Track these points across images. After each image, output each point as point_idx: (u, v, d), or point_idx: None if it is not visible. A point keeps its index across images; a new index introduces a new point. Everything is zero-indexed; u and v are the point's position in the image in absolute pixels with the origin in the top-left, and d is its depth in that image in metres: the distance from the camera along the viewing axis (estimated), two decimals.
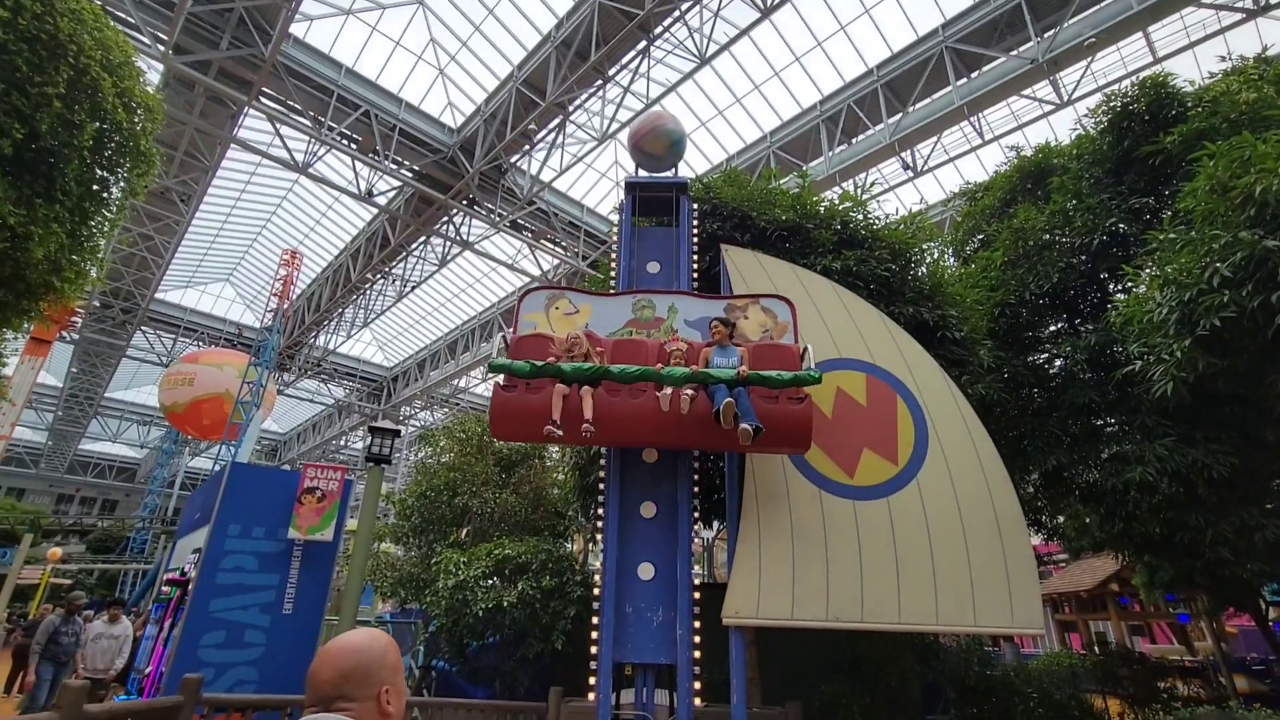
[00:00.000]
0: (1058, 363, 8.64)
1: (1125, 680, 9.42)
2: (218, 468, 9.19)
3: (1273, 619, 10.20)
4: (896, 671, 7.01)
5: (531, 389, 4.58)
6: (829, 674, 6.89)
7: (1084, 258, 7.80)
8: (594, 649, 4.76)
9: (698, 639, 4.73)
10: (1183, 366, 4.83)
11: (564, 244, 20.18)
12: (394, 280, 24.49)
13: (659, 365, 4.63)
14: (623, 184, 6.56)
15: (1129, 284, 5.92)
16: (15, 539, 23.54)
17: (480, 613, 6.61)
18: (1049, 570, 19.66)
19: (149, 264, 23.46)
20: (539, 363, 4.56)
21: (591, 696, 4.69)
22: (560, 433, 4.39)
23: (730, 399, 4.27)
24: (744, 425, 4.23)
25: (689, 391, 4.46)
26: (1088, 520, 10.06)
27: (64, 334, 24.95)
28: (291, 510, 7.05)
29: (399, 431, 8.40)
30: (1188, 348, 4.63)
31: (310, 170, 16.27)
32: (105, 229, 5.88)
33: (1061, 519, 10.71)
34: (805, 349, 4.89)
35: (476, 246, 19.95)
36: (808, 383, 4.50)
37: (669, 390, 4.45)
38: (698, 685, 4.73)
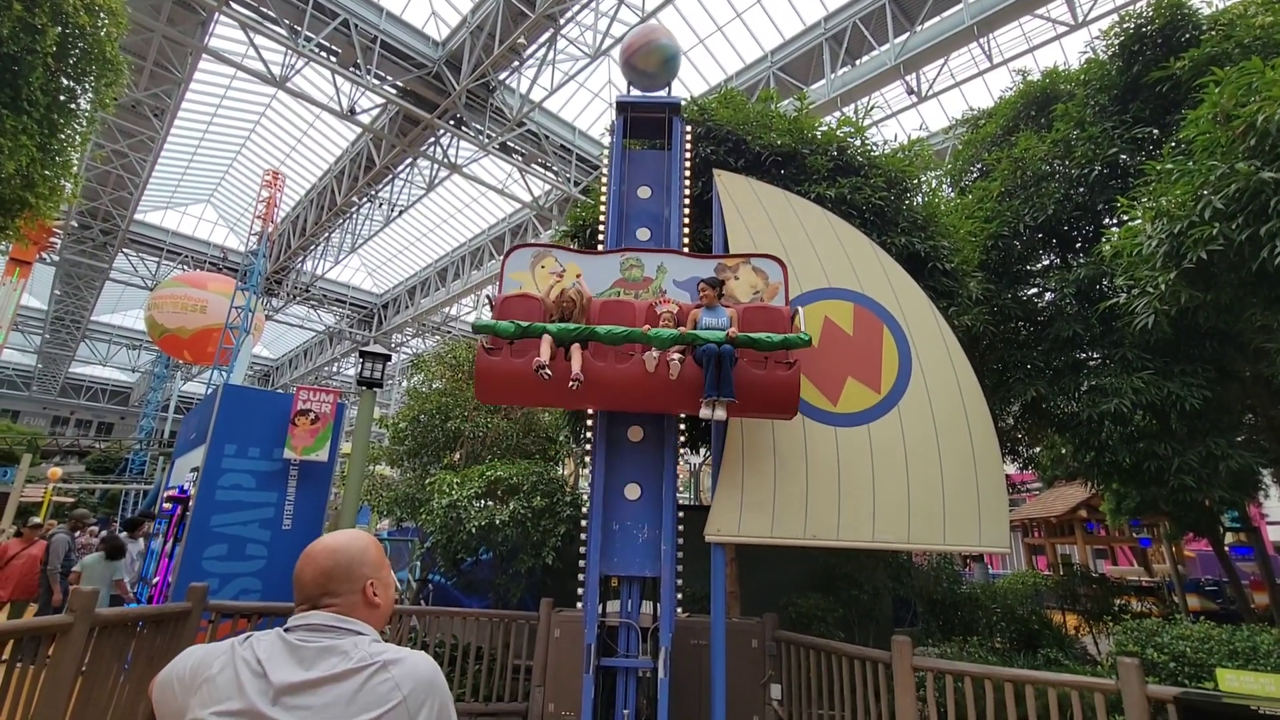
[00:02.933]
0: (1047, 296, 8.69)
1: (1084, 598, 10.01)
2: (210, 391, 9.25)
3: (1229, 544, 10.77)
4: (870, 587, 7.41)
5: (516, 351, 4.47)
6: (806, 589, 7.28)
7: (1081, 189, 7.70)
8: (583, 563, 5.00)
9: (681, 554, 4.96)
10: (1166, 299, 4.87)
11: (555, 168, 19.62)
12: (381, 204, 23.91)
13: (646, 327, 4.55)
14: (615, 104, 6.34)
15: (1123, 216, 5.88)
16: (14, 459, 23.86)
17: (474, 530, 6.86)
18: (1023, 498, 20.48)
19: (125, 183, 22.71)
20: (524, 324, 4.45)
21: (580, 606, 4.96)
22: (550, 374, 4.32)
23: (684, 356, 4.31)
24: (716, 413, 4.28)
25: (677, 356, 4.38)
26: (1063, 450, 10.42)
27: (44, 255, 24.40)
28: (286, 432, 7.16)
29: (390, 356, 8.43)
30: (1172, 280, 4.66)
31: (288, 85, 15.52)
32: (76, 142, 5.67)
33: (1038, 449, 11.07)
34: (796, 312, 4.82)
35: (465, 170, 19.38)
36: (797, 345, 4.44)
37: (655, 352, 4.38)
38: (680, 597, 5.00)
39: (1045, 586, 10.62)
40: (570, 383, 4.26)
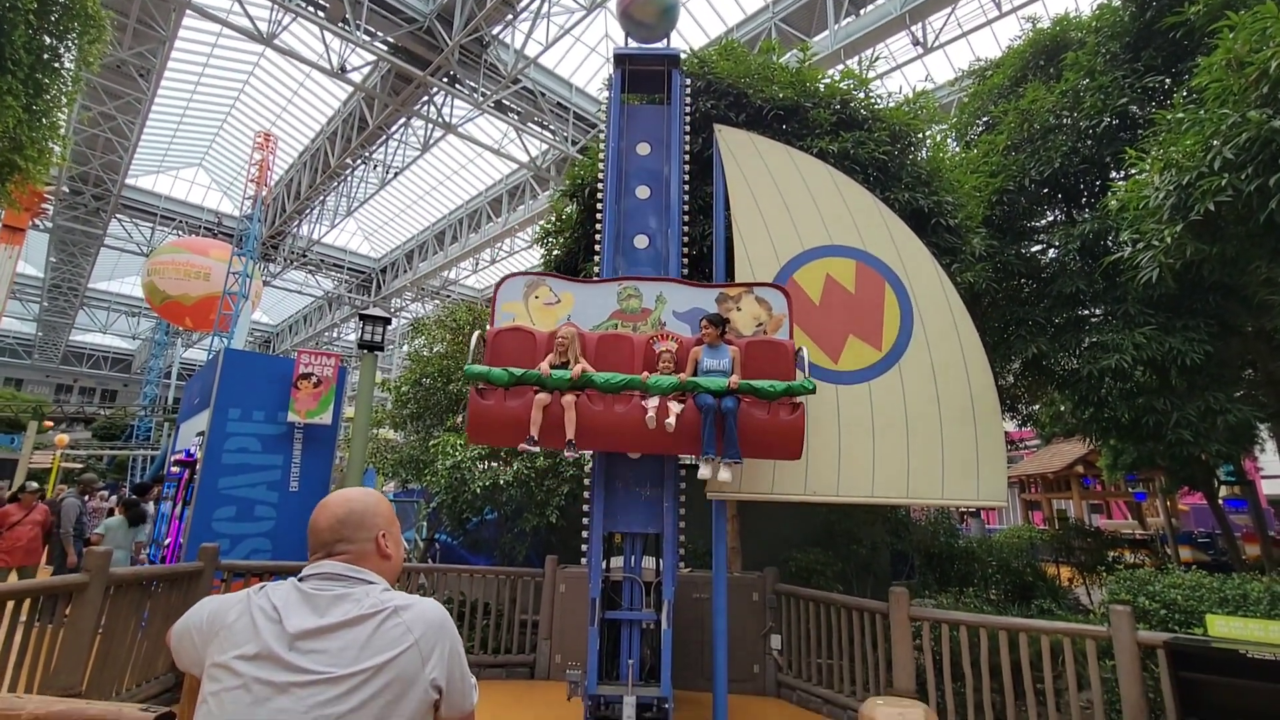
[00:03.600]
0: (1050, 253, 8.61)
1: (1078, 551, 10.22)
2: (211, 356, 9.28)
3: (1223, 497, 10.93)
4: (868, 542, 7.56)
5: (510, 395, 4.34)
6: (806, 545, 7.42)
7: (1089, 142, 7.55)
8: (586, 521, 5.08)
9: (683, 512, 5.04)
10: (1171, 253, 4.82)
11: (552, 127, 19.22)
12: (376, 166, 23.50)
13: (645, 374, 4.38)
14: (612, 57, 6.16)
15: (1130, 168, 5.78)
16: (20, 426, 24.09)
17: (478, 490, 6.96)
18: (1021, 455, 20.70)
19: (115, 146, 22.30)
20: (518, 371, 4.31)
21: (584, 563, 5.06)
22: (537, 449, 4.20)
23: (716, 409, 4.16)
24: (720, 474, 4.18)
25: (676, 406, 4.24)
26: (1062, 408, 10.49)
27: (37, 222, 24.13)
28: (289, 396, 7.20)
29: (390, 319, 8.42)
30: (1178, 233, 4.61)
31: (275, 42, 15.09)
32: (62, 103, 5.55)
33: (1037, 406, 11.14)
34: (800, 350, 4.67)
35: (460, 130, 18.97)
36: (801, 393, 4.31)
37: (655, 401, 4.23)
38: (682, 553, 5.10)
39: (1041, 540, 10.83)
40: (565, 445, 4.20)
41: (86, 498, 9.55)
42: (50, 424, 27.29)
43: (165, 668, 5.00)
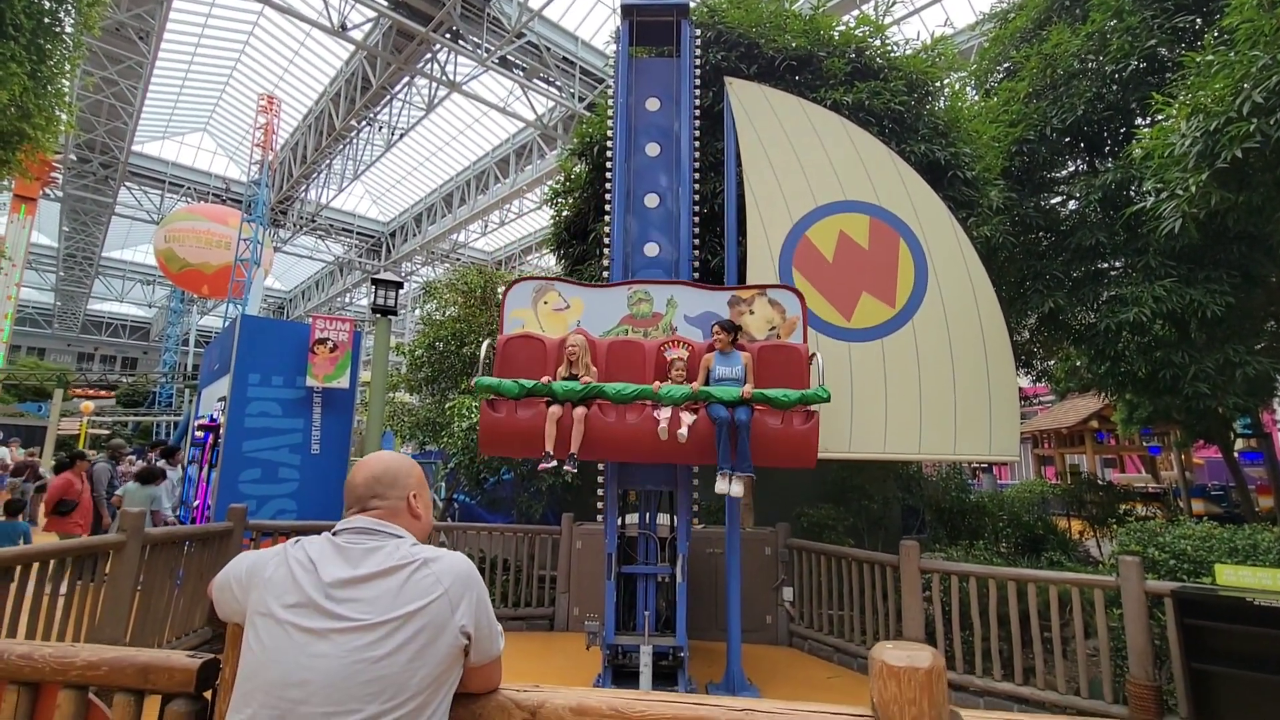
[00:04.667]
0: (1070, 205, 8.41)
1: (1090, 504, 10.26)
2: (228, 323, 9.41)
3: (1238, 450, 10.88)
4: (880, 497, 7.64)
5: (522, 406, 4.30)
6: (817, 501, 7.52)
7: (1114, 87, 7.27)
8: (601, 479, 5.18)
9: (696, 470, 5.11)
10: (1195, 202, 4.70)
11: (558, 83, 18.80)
12: (381, 128, 23.21)
13: (657, 384, 4.32)
14: (619, 8, 5.98)
15: (1156, 114, 5.58)
16: (46, 394, 24.65)
17: None
18: (1034, 411, 20.64)
19: (119, 112, 22.16)
20: (528, 383, 4.27)
21: (600, 520, 5.18)
22: (554, 464, 4.17)
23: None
24: (733, 489, 4.15)
25: (689, 416, 4.18)
26: (1077, 363, 10.39)
27: (48, 191, 24.21)
28: (306, 360, 7.31)
29: (401, 283, 8.44)
30: (1204, 182, 4.48)
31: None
32: (65, 68, 5.51)
33: (1052, 362, 11.05)
34: (814, 355, 4.58)
35: (464, 88, 18.62)
36: (815, 402, 4.22)
37: (667, 413, 4.18)
38: (696, 509, 5.20)
39: (1052, 494, 10.88)
40: (565, 463, 4.17)
41: (116, 462, 9.83)
42: (78, 392, 27.87)
43: (202, 622, 5.23)
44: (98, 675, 1.46)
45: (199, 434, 8.11)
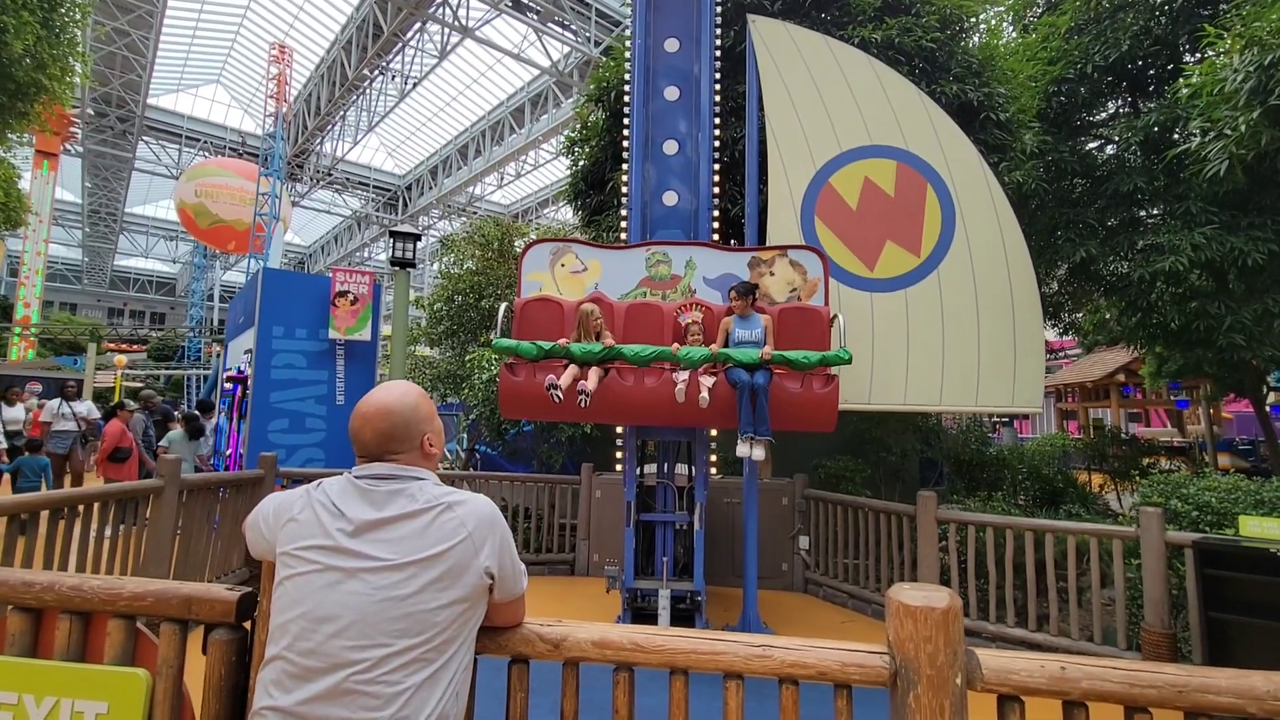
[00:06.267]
0: (1109, 149, 8.04)
1: (1112, 458, 10.16)
2: (250, 278, 9.54)
3: (1270, 403, 10.63)
4: (898, 449, 7.64)
5: (540, 368, 4.28)
6: (836, 453, 7.54)
7: (1163, 20, 6.84)
8: (620, 429, 5.23)
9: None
10: (1244, 142, 4.45)
11: (574, 27, 18.19)
12: (394, 77, 22.77)
13: (675, 347, 4.26)
14: None
15: (1207, 49, 5.25)
16: (80, 348, 25.31)
17: None
18: (1059, 364, 20.30)
19: (133, 64, 21.99)
20: (546, 345, 4.23)
21: (620, 469, 5.26)
22: (561, 394, 4.08)
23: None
24: (754, 453, 4.10)
25: (708, 380, 4.12)
26: (1107, 315, 10.13)
27: (67, 146, 24.34)
28: (328, 313, 7.39)
29: (419, 236, 8.42)
30: (1255, 120, 4.24)
31: None
32: (77, 17, 5.45)
33: (1080, 315, 10.78)
34: (836, 316, 4.47)
35: (477, 33, 18.11)
36: (836, 363, 4.13)
37: (685, 376, 4.13)
38: (714, 459, 5.25)
39: (1074, 448, 10.78)
40: (579, 399, 4.08)
41: (150, 413, 10.14)
42: (110, 346, 28.56)
43: (240, 563, 5.47)
44: (144, 605, 1.53)
45: (228, 386, 8.32)
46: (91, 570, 3.90)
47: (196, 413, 8.54)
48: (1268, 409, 9.76)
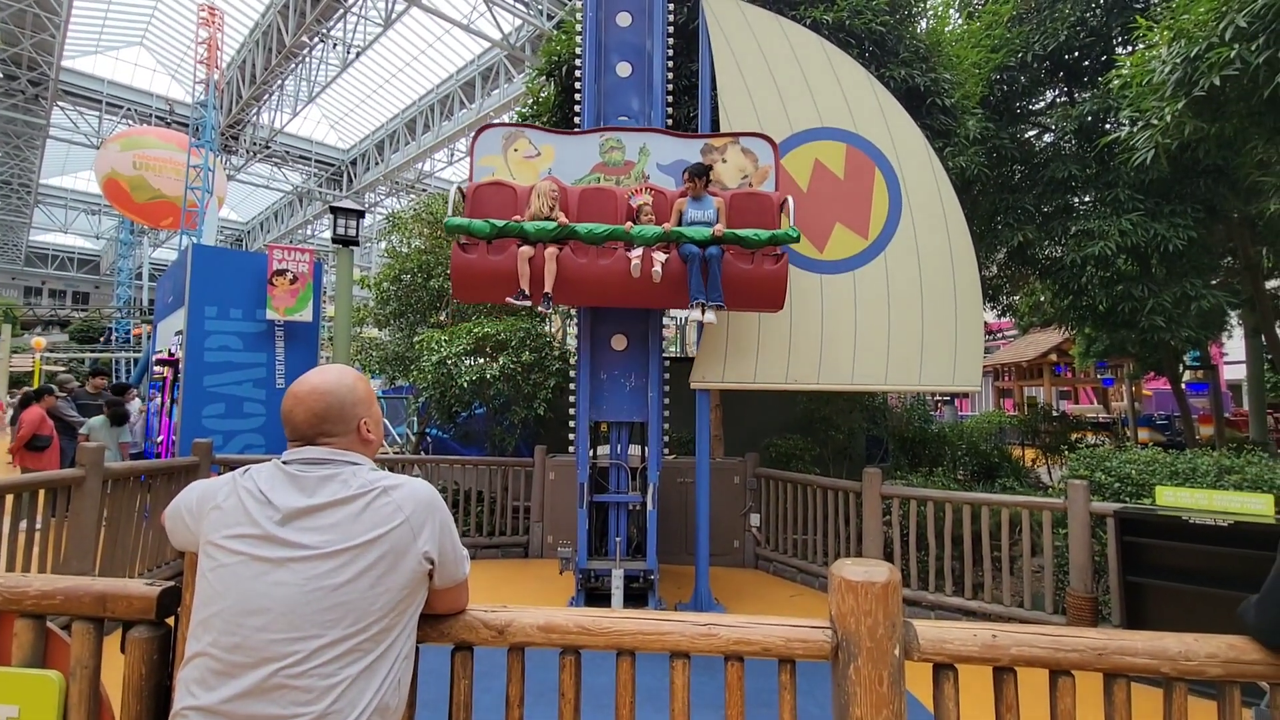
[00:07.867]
0: (1046, 138, 8.33)
1: (1044, 433, 10.72)
2: (180, 255, 8.98)
3: (1186, 381, 11.37)
4: (845, 428, 7.85)
5: (493, 249, 4.24)
6: (786, 432, 7.70)
7: (1098, 11, 7.10)
8: (573, 411, 5.19)
9: (667, 403, 5.15)
10: (1169, 132, 4.68)
11: None
12: (335, 45, 21.69)
13: (628, 224, 4.31)
14: None
15: (1139, 41, 5.48)
16: None
17: (465, 384, 7.04)
18: (997, 345, 21.20)
19: (45, 23, 20.29)
20: (499, 222, 4.20)
21: (572, 451, 5.23)
22: (529, 303, 4.18)
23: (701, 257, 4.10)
24: (706, 317, 4.18)
25: (661, 255, 4.18)
26: (1041, 298, 10.60)
27: None
28: (265, 292, 7.05)
29: (363, 212, 8.11)
30: (1180, 111, 4.45)
31: None
32: None
33: (1017, 297, 11.25)
34: (785, 200, 4.57)
35: (424, 2, 17.40)
36: (785, 242, 4.29)
37: (639, 253, 4.17)
38: (667, 440, 5.28)
39: (1009, 425, 11.31)
40: (540, 305, 4.17)
41: (71, 399, 9.54)
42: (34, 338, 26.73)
43: (174, 554, 5.22)
44: (54, 604, 1.43)
45: (158, 369, 7.88)
46: (6, 568, 3.65)
47: (118, 398, 8.07)
48: (1183, 386, 10.44)
